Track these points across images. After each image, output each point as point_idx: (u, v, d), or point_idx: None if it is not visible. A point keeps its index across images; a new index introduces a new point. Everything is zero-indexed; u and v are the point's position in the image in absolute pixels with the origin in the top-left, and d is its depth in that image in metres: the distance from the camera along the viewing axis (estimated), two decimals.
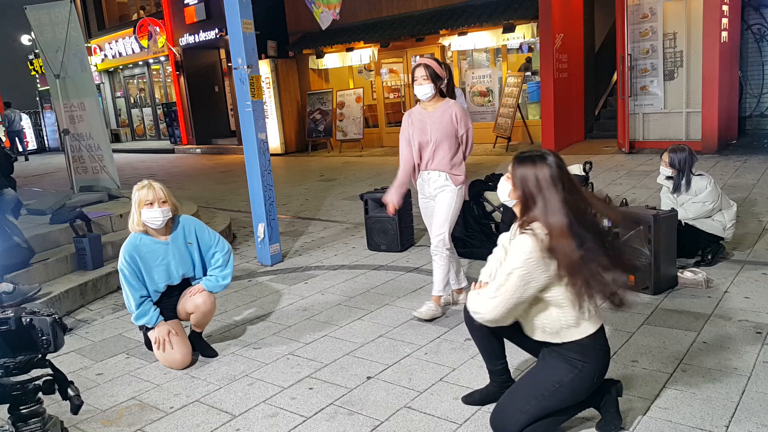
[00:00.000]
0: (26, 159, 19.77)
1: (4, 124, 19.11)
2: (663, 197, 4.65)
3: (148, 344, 3.73)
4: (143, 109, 22.41)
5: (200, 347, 3.68)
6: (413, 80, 3.86)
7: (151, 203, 3.45)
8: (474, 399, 2.86)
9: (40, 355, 1.78)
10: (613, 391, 2.52)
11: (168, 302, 3.64)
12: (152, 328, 3.53)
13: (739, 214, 4.68)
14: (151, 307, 3.52)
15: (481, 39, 12.19)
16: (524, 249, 2.26)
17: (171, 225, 3.60)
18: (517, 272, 2.26)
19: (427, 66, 3.80)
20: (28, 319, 1.75)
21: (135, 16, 21.05)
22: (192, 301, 3.59)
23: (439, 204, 3.90)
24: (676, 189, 4.45)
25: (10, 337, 1.73)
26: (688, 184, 4.40)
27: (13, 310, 1.77)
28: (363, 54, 13.97)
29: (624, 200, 5.21)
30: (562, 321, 2.34)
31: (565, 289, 2.29)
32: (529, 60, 12.64)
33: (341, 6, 8.37)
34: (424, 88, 3.81)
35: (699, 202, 4.35)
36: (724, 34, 9.25)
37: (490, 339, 2.66)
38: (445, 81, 3.91)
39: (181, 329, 3.63)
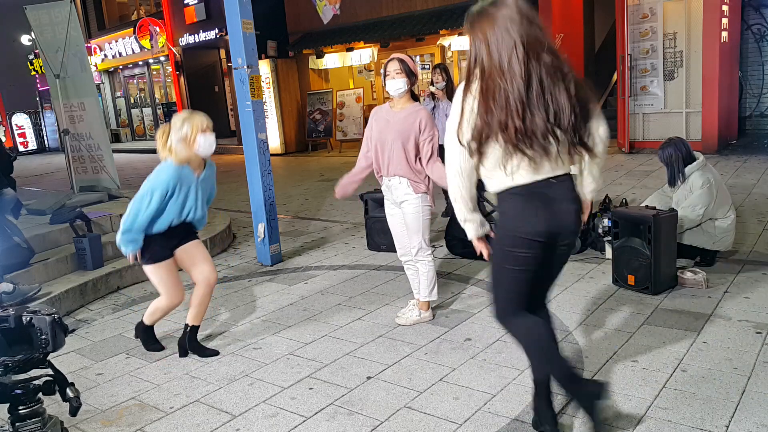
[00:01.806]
0: None
1: None
2: (654, 194, 4.61)
3: (147, 345, 3.74)
4: (143, 109, 22.42)
5: (197, 350, 3.65)
6: (385, 75, 3.71)
7: (205, 129, 3.30)
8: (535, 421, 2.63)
9: (39, 355, 1.78)
10: (595, 392, 2.33)
11: (166, 242, 3.48)
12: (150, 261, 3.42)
13: (739, 213, 4.67)
14: (141, 238, 3.34)
15: None
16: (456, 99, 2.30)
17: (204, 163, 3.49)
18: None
19: (401, 60, 3.69)
20: (28, 318, 1.74)
21: (135, 16, 21.08)
22: (201, 272, 3.54)
23: (407, 219, 3.80)
24: (671, 182, 4.46)
25: (8, 335, 1.73)
26: (683, 176, 4.37)
27: (15, 309, 1.77)
28: (363, 54, 13.97)
29: (624, 200, 5.20)
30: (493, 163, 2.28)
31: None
32: None
33: (341, 1, 8.38)
34: (397, 83, 3.67)
35: (689, 206, 4.29)
36: (724, 34, 9.25)
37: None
38: (418, 79, 3.79)
39: (176, 269, 3.59)
